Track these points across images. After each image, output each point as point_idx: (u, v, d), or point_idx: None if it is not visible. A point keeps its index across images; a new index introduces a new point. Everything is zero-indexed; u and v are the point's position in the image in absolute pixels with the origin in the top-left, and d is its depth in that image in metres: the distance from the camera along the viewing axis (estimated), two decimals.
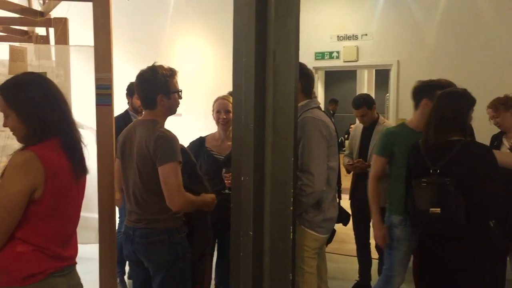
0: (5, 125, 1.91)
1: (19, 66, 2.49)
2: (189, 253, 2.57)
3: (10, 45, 2.53)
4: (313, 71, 5.09)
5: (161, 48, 6.45)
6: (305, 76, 2.71)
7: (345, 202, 3.75)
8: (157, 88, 2.49)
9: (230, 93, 3.43)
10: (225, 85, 3.48)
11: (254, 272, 1.66)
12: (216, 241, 3.35)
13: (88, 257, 3.09)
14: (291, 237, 1.65)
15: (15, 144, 1.96)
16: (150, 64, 2.57)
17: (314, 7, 5.87)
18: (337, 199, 2.98)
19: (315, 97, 2.98)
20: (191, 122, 5.84)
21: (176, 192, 2.35)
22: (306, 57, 5.53)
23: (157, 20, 6.53)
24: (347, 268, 4.95)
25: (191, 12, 6.45)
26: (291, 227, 1.65)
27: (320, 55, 5.88)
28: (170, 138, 2.41)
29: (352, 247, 4.62)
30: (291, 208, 1.65)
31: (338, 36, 5.80)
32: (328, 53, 5.85)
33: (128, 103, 4.30)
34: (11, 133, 1.98)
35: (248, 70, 1.65)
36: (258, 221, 1.68)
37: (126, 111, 4.27)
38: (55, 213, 1.84)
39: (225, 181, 3.03)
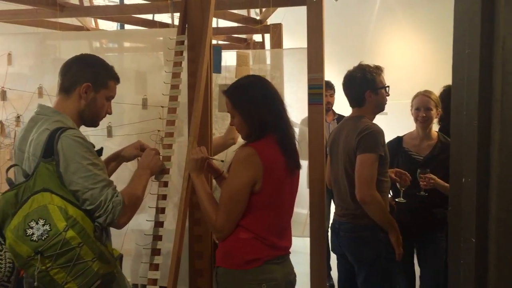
0: (231, 124, 2.13)
1: (244, 70, 2.76)
2: (393, 253, 2.51)
3: (237, 52, 2.82)
4: None
5: (366, 45, 6.41)
6: None
7: None
8: (365, 84, 2.56)
9: (445, 88, 3.23)
10: (436, 80, 3.27)
11: (476, 282, 1.53)
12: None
13: (296, 250, 3.25)
14: None
15: (239, 142, 2.15)
16: (355, 62, 2.62)
17: None
18: None
19: None
20: (398, 121, 5.64)
21: (366, 183, 2.37)
22: None
23: (363, 18, 6.51)
24: None
25: (398, 7, 6.25)
26: None
27: None
28: (375, 130, 2.44)
29: None
30: None
31: None
32: None
33: None
34: None
35: (472, 61, 1.52)
36: (482, 227, 1.54)
37: None
38: (272, 205, 1.97)
39: (420, 183, 2.86)
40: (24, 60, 2.91)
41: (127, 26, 4.81)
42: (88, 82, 1.88)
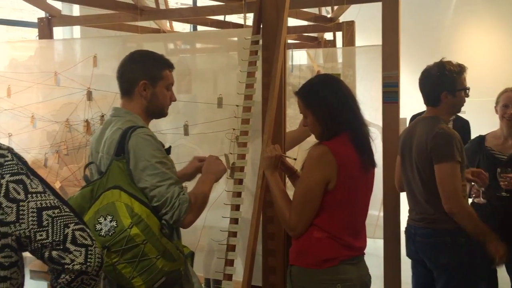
0: (304, 125, 2.12)
1: (317, 69, 2.75)
2: (479, 259, 2.39)
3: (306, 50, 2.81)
4: None
5: (442, 41, 6.15)
6: None
7: None
8: (442, 85, 2.42)
9: None
10: None
11: None
12: None
13: (367, 251, 3.17)
14: None
15: (311, 141, 2.15)
16: (429, 59, 2.52)
17: None
18: None
19: None
20: (477, 120, 5.38)
21: (452, 195, 2.26)
22: None
23: (438, 12, 6.26)
24: None
25: (479, 1, 5.95)
26: None
27: None
28: (450, 136, 2.32)
29: None
30: None
31: None
32: None
33: None
34: None
35: None
36: None
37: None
38: (346, 204, 1.95)
39: (501, 183, 2.71)
40: (107, 62, 3.08)
41: (199, 27, 4.95)
42: (143, 79, 1.91)
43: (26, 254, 1.24)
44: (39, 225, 1.16)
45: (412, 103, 4.28)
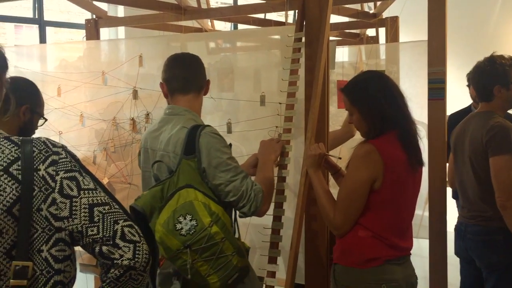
0: (350, 122, 2.11)
1: (362, 66, 2.72)
2: None
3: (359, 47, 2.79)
4: None
5: (489, 36, 5.96)
6: None
7: None
8: (494, 79, 2.40)
9: None
10: None
11: None
12: None
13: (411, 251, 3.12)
14: None
15: (356, 139, 2.13)
16: (475, 55, 2.48)
17: None
18: None
19: None
20: None
21: (507, 188, 2.21)
22: None
23: (485, 5, 6.06)
24: None
25: None
26: None
27: None
28: (506, 128, 2.29)
29: None
30: None
31: None
32: None
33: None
34: None
35: None
36: None
37: (469, 106, 4.07)
38: (393, 204, 1.92)
39: None
40: (152, 62, 3.15)
41: (240, 26, 4.97)
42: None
43: (76, 248, 1.28)
44: (90, 221, 1.19)
45: (458, 99, 4.17)
